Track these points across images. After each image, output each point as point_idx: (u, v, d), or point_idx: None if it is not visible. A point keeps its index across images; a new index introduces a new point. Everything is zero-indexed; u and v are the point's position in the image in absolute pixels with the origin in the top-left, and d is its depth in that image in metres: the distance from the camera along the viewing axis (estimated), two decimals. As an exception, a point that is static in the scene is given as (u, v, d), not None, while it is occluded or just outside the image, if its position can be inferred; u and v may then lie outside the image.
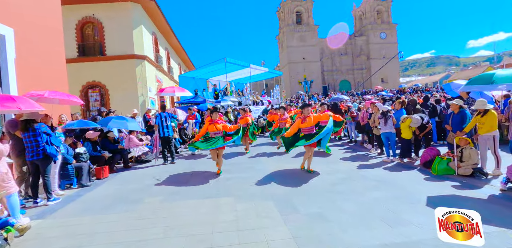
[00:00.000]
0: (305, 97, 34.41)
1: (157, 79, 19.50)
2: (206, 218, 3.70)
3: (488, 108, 4.96)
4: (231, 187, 5.15)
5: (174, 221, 3.66)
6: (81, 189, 5.48)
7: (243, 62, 17.13)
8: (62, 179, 5.43)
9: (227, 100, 14.41)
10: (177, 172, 6.70)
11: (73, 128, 6.28)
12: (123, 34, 16.01)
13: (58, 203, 4.66)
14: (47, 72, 7.11)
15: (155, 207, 4.25)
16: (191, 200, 4.49)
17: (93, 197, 4.79)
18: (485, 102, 5.03)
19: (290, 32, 54.94)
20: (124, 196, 4.85)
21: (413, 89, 35.97)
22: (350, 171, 5.83)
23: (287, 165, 6.77)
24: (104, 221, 3.79)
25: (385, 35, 57.13)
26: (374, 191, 4.46)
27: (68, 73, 15.17)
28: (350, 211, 3.71)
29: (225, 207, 4.10)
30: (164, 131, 7.55)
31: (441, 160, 5.41)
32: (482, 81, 5.22)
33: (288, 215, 3.64)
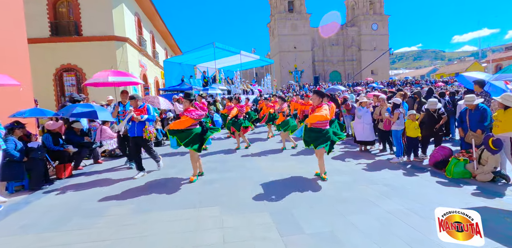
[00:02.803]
0: (296, 87, 33.69)
1: (141, 64, 18.18)
2: (184, 239, 2.88)
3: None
4: (217, 191, 4.33)
5: (142, 244, 2.82)
6: (32, 193, 4.49)
7: (233, 48, 16.08)
8: (9, 180, 4.43)
9: (216, 89, 13.42)
10: (155, 170, 5.81)
11: (24, 117, 5.21)
12: (102, 13, 14.59)
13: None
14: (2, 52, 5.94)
15: (120, 221, 3.38)
16: (168, 211, 3.65)
17: (43, 206, 3.84)
18: (511, 96, 4.38)
19: (281, 19, 53.61)
20: (83, 205, 3.92)
21: (404, 82, 35.95)
22: (355, 173, 5.13)
23: (282, 163, 6.01)
24: (49, 243, 2.90)
25: (377, 26, 56.81)
26: (387, 200, 3.76)
27: (40, 55, 13.78)
28: (364, 228, 2.99)
29: (209, 221, 3.29)
30: (128, 129, 5.50)
31: (457, 162, 4.78)
32: None
33: (290, 236, 2.87)
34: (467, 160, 4.76)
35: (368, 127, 6.79)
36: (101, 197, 4.25)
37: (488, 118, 4.70)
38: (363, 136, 6.87)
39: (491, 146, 4.31)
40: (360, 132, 6.88)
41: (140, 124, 5.18)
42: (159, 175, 5.37)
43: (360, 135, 6.91)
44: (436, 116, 5.87)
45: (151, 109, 5.42)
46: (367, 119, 6.77)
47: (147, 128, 5.20)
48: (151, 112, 5.33)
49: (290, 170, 5.37)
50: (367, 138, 6.84)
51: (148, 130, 5.21)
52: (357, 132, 6.95)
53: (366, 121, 6.75)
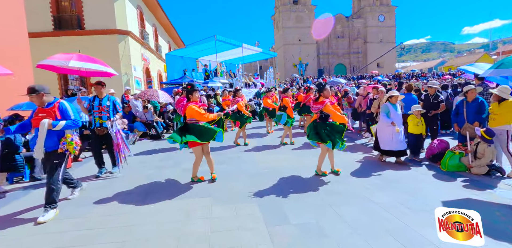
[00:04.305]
0: (300, 80, 33.47)
1: (143, 57, 18.28)
2: (171, 229, 2.94)
3: (507, 98, 4.19)
4: (210, 183, 4.38)
5: (129, 233, 2.89)
6: (32, 184, 4.62)
7: (235, 41, 16.00)
8: (9, 171, 4.56)
9: (216, 82, 13.44)
10: (152, 162, 5.90)
11: (22, 110, 5.33)
12: (103, 6, 14.66)
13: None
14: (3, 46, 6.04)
15: (111, 210, 3.46)
16: (158, 202, 3.71)
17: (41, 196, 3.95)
18: (509, 90, 4.30)
19: (286, 12, 53.07)
20: (78, 195, 4.01)
21: (410, 75, 35.39)
22: (349, 165, 5.12)
23: (279, 157, 6.03)
24: (41, 231, 2.99)
25: (384, 18, 55.77)
26: (379, 193, 3.76)
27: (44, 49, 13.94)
28: (352, 220, 3.00)
29: (199, 211, 3.35)
30: (95, 122, 4.79)
31: (452, 155, 4.73)
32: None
33: (275, 226, 2.90)
34: (462, 153, 4.71)
35: (400, 131, 5.09)
36: (96, 187, 4.35)
37: (485, 111, 4.62)
38: (392, 144, 5.09)
39: (484, 135, 4.26)
40: (387, 139, 5.12)
41: (55, 134, 3.33)
42: (154, 168, 5.45)
43: (388, 143, 5.12)
44: (432, 100, 5.75)
45: (70, 109, 3.42)
46: (399, 122, 5.11)
47: (67, 139, 3.39)
48: (69, 113, 3.39)
49: (286, 164, 5.38)
50: (398, 146, 5.08)
51: (69, 141, 3.39)
52: (384, 138, 5.19)
53: (398, 124, 5.05)
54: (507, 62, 4.03)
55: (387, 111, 5.15)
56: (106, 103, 4.78)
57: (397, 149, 5.09)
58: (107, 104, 4.81)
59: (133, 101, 9.34)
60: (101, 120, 4.77)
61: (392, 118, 5.04)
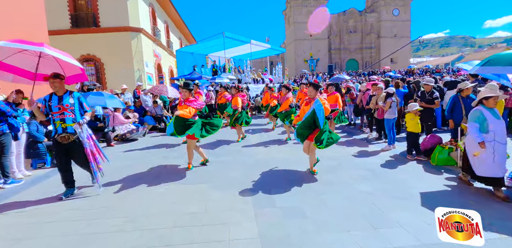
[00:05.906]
0: (310, 76, 33.42)
1: (155, 53, 18.92)
2: (172, 209, 3.35)
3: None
4: (210, 171, 4.78)
5: (136, 210, 3.33)
6: (52, 169, 5.19)
7: (243, 38, 16.32)
8: (33, 158, 5.15)
9: (223, 78, 13.84)
10: (160, 151, 6.37)
11: (44, 103, 5.91)
12: (117, 4, 15.32)
13: (18, 186, 4.36)
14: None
15: (122, 193, 3.93)
16: (160, 185, 4.15)
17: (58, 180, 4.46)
18: (496, 87, 4.41)
19: (297, 6, 52.69)
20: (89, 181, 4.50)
21: (423, 71, 34.55)
22: (342, 158, 5.39)
23: (280, 151, 6.36)
24: (60, 209, 3.48)
25: (398, 11, 54.33)
26: (363, 183, 4.04)
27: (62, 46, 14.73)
28: (332, 205, 3.32)
29: (197, 195, 3.75)
30: (57, 128, 3.60)
31: (442, 149, 4.91)
32: (502, 62, 4.00)
33: (262, 209, 3.26)
34: (452, 148, 4.88)
35: (501, 149, 3.42)
36: (110, 172, 4.82)
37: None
38: (493, 169, 3.42)
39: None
40: (489, 162, 3.43)
41: None
42: (161, 158, 5.91)
43: (489, 168, 3.44)
44: (428, 97, 5.89)
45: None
46: (501, 135, 3.42)
47: None
48: None
49: (282, 157, 5.72)
50: (496, 171, 3.41)
51: None
52: (482, 163, 3.47)
53: (499, 139, 3.42)
54: (493, 59, 4.14)
55: (480, 120, 3.44)
56: (68, 101, 3.57)
57: (496, 175, 3.42)
58: (70, 103, 3.59)
59: (143, 96, 9.88)
60: (64, 124, 3.57)
61: (492, 130, 3.38)
